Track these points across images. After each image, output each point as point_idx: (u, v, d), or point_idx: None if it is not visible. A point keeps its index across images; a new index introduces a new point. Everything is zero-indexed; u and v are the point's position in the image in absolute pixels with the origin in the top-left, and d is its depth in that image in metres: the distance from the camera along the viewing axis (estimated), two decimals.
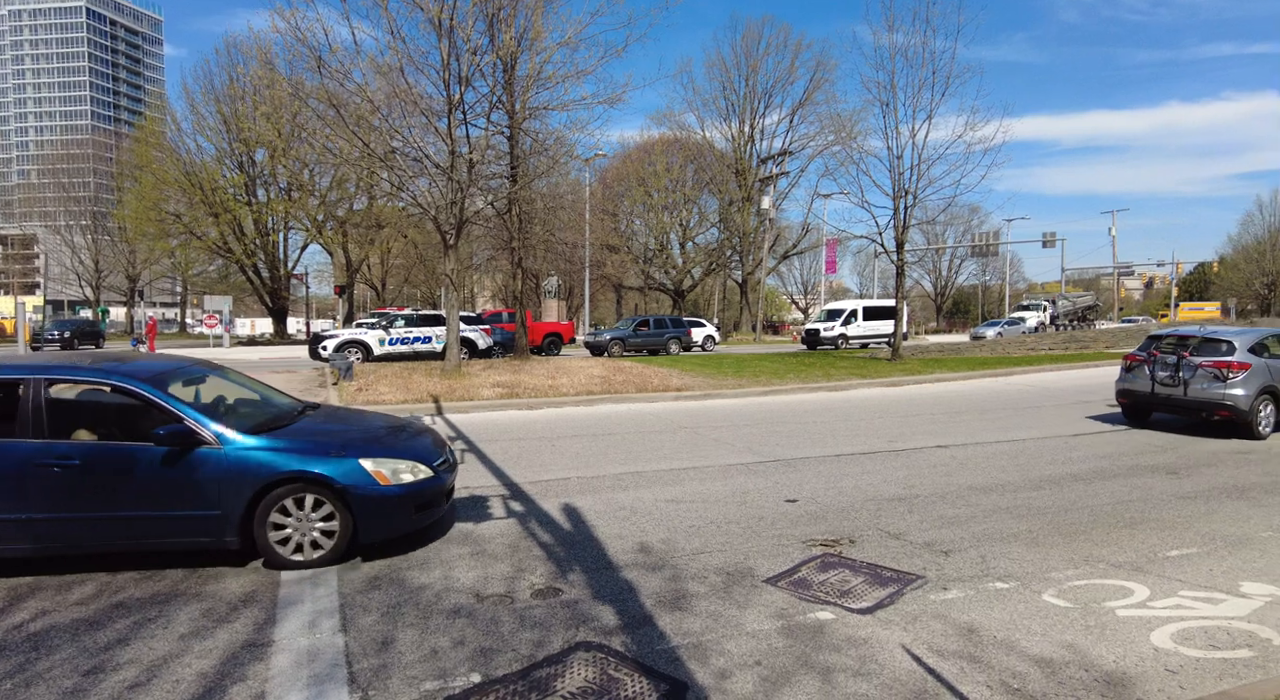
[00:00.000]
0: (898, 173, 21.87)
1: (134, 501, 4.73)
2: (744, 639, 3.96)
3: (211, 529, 4.81)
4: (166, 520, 4.77)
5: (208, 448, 4.82)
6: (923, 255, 78.20)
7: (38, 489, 4.61)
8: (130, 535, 4.79)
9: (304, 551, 4.96)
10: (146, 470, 4.73)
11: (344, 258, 47.49)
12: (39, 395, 4.77)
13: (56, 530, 4.69)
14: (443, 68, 15.54)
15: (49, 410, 4.79)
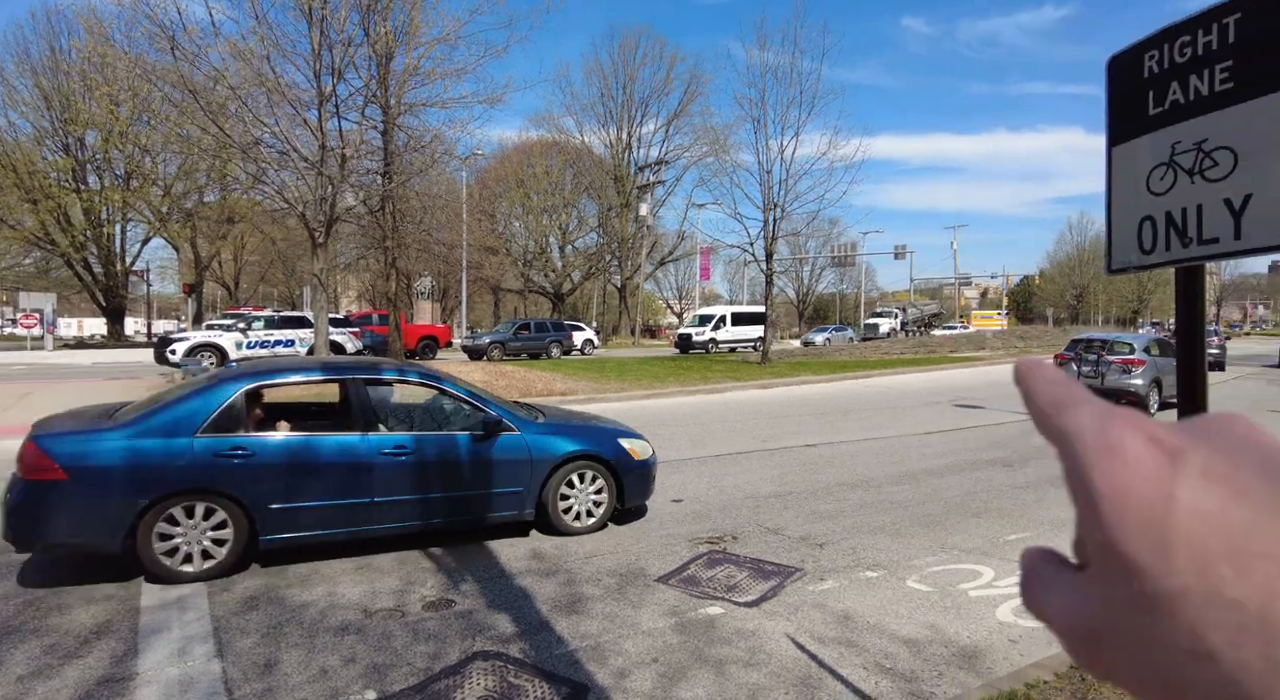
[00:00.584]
0: (768, 186, 23.00)
1: (461, 484, 5.51)
2: (640, 638, 4.09)
3: (516, 504, 5.71)
4: (486, 498, 5.59)
5: (512, 435, 5.70)
6: (788, 265, 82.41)
7: (383, 476, 5.19)
8: (462, 513, 5.55)
9: (581, 519, 5.93)
10: (468, 456, 5.53)
11: (192, 254, 43.67)
12: (361, 394, 5.39)
13: (399, 512, 5.29)
14: (313, 58, 14.73)
15: (377, 407, 5.56)
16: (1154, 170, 2.24)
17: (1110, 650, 0.26)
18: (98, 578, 4.81)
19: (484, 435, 5.60)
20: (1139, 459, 0.25)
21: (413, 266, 38.88)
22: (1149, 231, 2.27)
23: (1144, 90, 2.29)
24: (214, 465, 4.79)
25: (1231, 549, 0.23)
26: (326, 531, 5.12)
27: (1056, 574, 0.30)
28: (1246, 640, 0.22)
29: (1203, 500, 0.24)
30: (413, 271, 41.48)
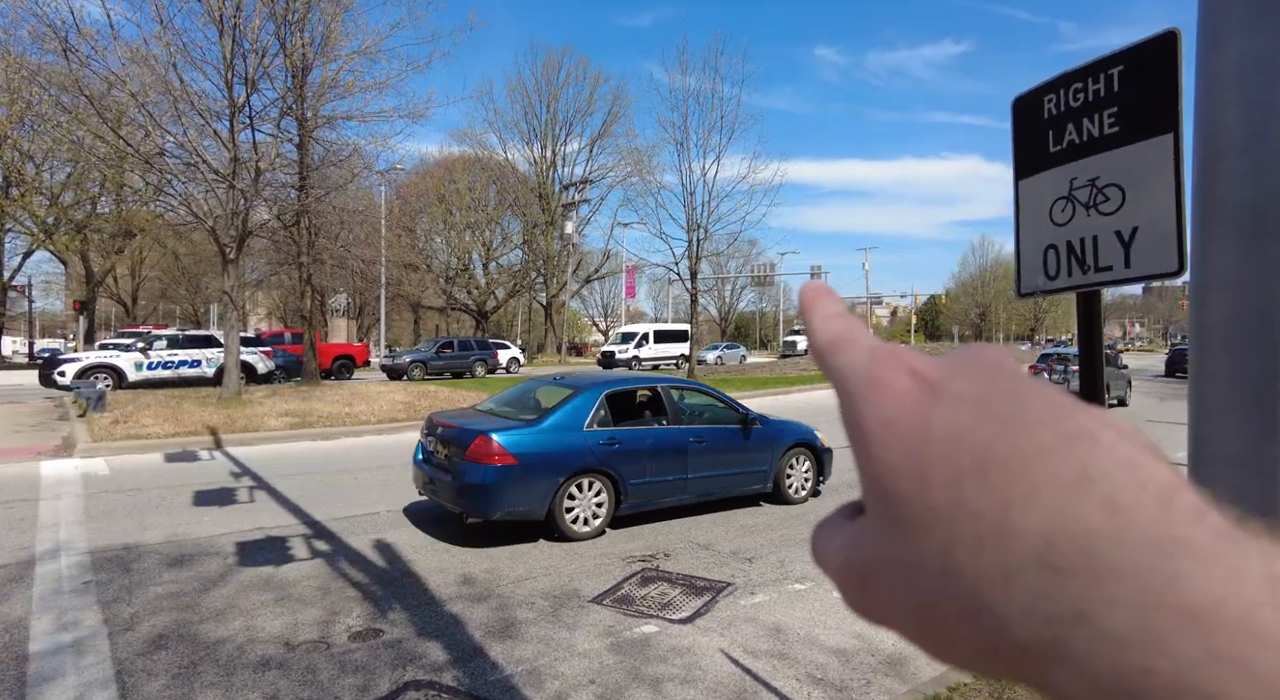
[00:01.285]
0: (691, 207, 23.47)
1: (733, 463, 7.43)
2: (576, 660, 4.06)
3: (760, 479, 7.66)
4: (746, 475, 7.54)
5: (759, 427, 7.65)
6: (711, 284, 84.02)
7: (692, 458, 7.09)
8: (733, 487, 7.51)
9: (799, 493, 7.90)
10: (737, 443, 7.50)
11: (83, 268, 40.76)
12: (669, 397, 7.40)
13: (700, 486, 7.18)
14: (224, 66, 14.13)
15: (679, 407, 7.54)
16: (1055, 203, 2.45)
17: (876, 588, 0.27)
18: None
19: (743, 428, 7.56)
20: (903, 392, 0.26)
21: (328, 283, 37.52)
22: (1053, 259, 2.47)
23: (1045, 130, 2.50)
24: (598, 451, 6.55)
25: (975, 464, 0.23)
26: (659, 500, 6.99)
27: (839, 524, 0.30)
28: (985, 550, 0.22)
29: (955, 423, 0.24)
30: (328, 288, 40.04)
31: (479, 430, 6.18)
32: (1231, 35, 0.96)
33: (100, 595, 4.86)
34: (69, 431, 11.66)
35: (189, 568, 5.48)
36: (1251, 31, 0.93)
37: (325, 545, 6.13)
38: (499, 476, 5.99)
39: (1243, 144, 0.95)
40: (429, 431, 6.89)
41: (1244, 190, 0.94)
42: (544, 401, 7.06)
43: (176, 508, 7.31)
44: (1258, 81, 0.93)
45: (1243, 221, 0.94)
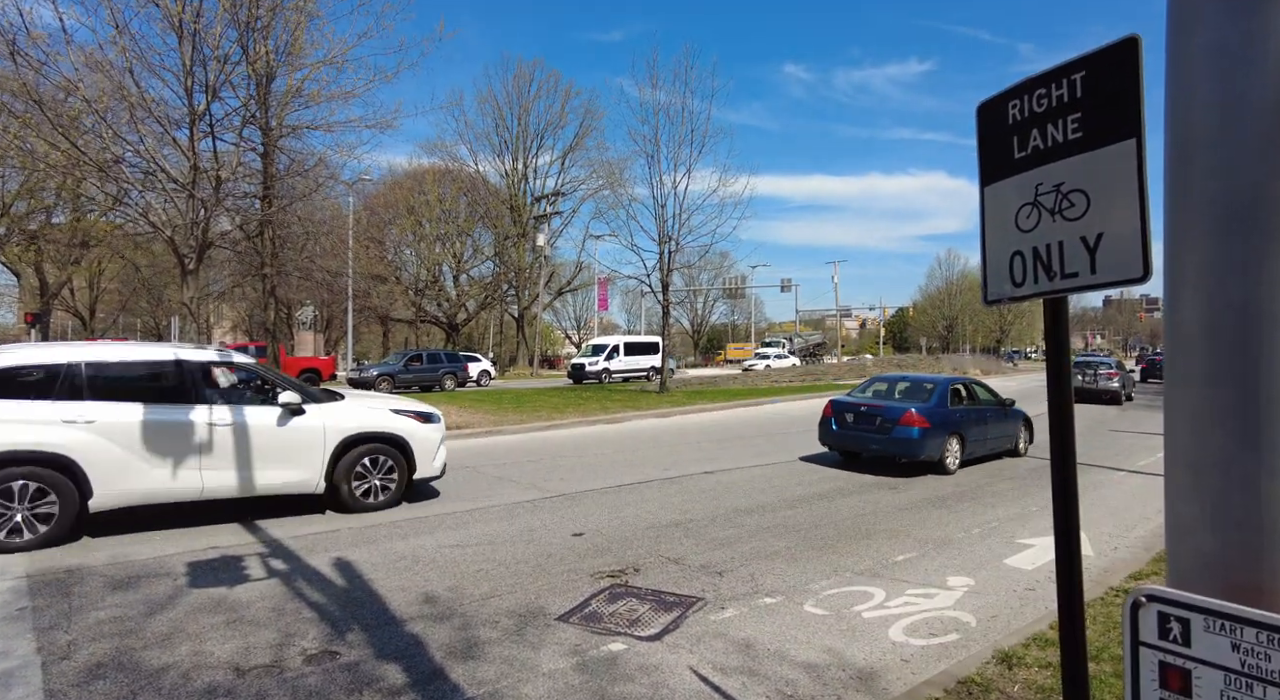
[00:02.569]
0: (662, 220, 23.53)
1: (1001, 431, 11.85)
2: (540, 681, 3.93)
3: (1010, 442, 12.22)
4: (1005, 437, 11.93)
5: (1009, 408, 12.16)
6: (683, 296, 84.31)
7: (988, 426, 11.57)
8: (1001, 446, 11.94)
9: (1024, 449, 12.56)
10: (1001, 417, 11.89)
11: (37, 280, 39.54)
12: (972, 388, 11.82)
13: (990, 444, 11.58)
14: (184, 74, 13.82)
15: (977, 395, 11.90)
16: (1021, 209, 2.43)
17: None
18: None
19: (1003, 408, 12.18)
20: None
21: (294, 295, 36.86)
22: (1019, 265, 2.44)
23: (1009, 135, 2.48)
24: (956, 419, 10.90)
25: None
26: (977, 452, 11.28)
27: None
28: None
29: None
30: (294, 300, 39.34)
31: (904, 408, 10.52)
32: (1200, 24, 0.92)
33: (35, 622, 4.60)
34: None
35: (135, 590, 5.23)
36: (1219, 19, 0.89)
37: (281, 564, 5.91)
38: (922, 434, 10.30)
39: (1213, 137, 0.91)
40: (844, 410, 11.21)
41: (1216, 184, 0.90)
42: (902, 393, 11.69)
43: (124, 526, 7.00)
44: (1227, 71, 0.89)
45: (1215, 217, 0.90)
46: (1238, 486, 0.91)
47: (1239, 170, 0.88)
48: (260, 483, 7.12)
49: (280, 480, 7.22)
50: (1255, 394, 0.88)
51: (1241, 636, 0.87)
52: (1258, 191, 0.89)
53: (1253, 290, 0.90)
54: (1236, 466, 0.91)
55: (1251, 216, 0.90)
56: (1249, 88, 0.88)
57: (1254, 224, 0.90)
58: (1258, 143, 0.88)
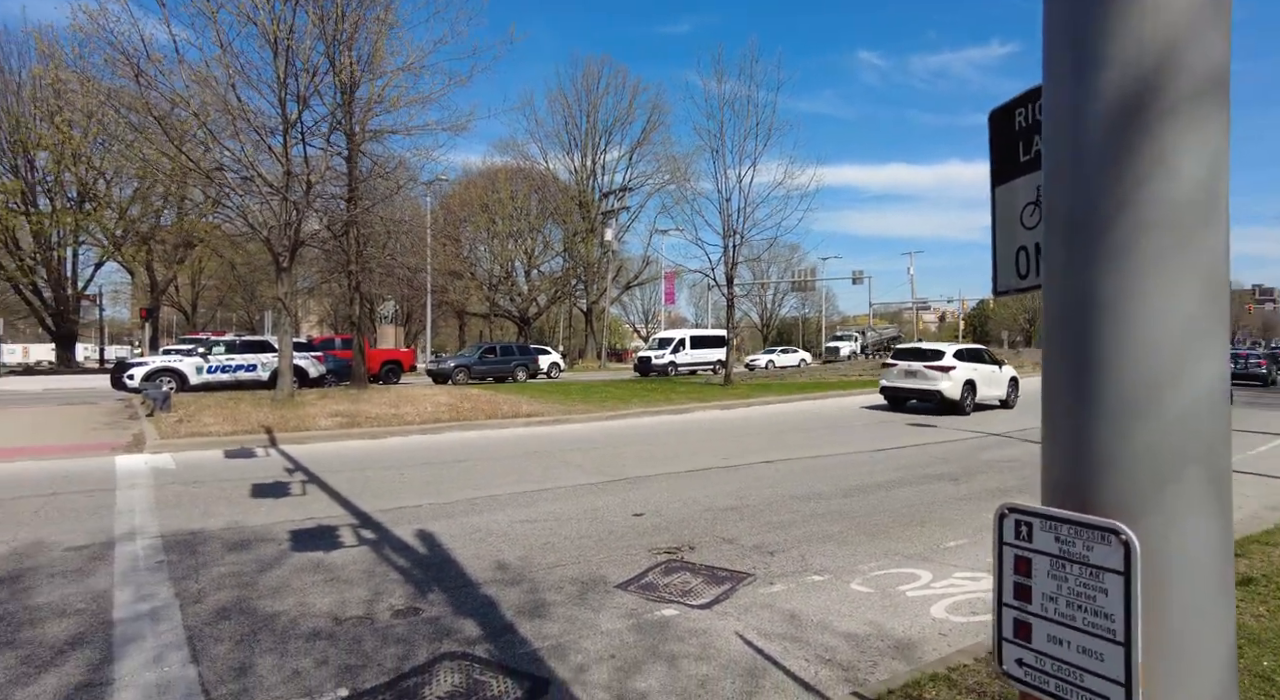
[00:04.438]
0: (727, 214, 23.67)
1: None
2: (599, 637, 4.35)
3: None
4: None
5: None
6: (750, 289, 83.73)
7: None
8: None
9: None
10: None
11: (148, 278, 42.82)
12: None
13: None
14: (278, 85, 14.92)
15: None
16: (1025, 207, 2.65)
17: None
18: (65, 597, 4.92)
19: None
20: None
21: (376, 290, 38.74)
22: (1024, 259, 2.67)
23: (1016, 140, 2.71)
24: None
25: None
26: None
27: None
28: None
29: None
30: (376, 296, 41.30)
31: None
32: (1056, 87, 1.21)
33: (171, 573, 5.35)
34: (139, 429, 12.46)
35: (248, 551, 5.95)
36: (1067, 85, 1.18)
37: (371, 534, 6.56)
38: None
39: (1066, 162, 1.18)
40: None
41: (1064, 202, 1.18)
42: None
43: (236, 499, 7.86)
44: (1072, 127, 1.17)
45: (1065, 228, 1.17)
46: (1076, 431, 1.20)
47: (1079, 191, 1.16)
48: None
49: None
50: (1088, 364, 1.17)
51: (1059, 531, 1.22)
52: (1090, 208, 1.15)
53: (1086, 288, 1.17)
54: (1075, 417, 1.19)
55: (1085, 228, 1.16)
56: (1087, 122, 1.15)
57: (1087, 234, 1.16)
58: (1090, 169, 1.14)
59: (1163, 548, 1.11)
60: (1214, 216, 1.10)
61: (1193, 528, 1.10)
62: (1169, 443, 1.10)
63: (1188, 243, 1.08)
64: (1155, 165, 1.07)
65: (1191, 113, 1.07)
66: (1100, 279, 1.12)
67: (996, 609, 1.31)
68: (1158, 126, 1.07)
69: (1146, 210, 1.08)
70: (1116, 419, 1.13)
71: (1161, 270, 1.09)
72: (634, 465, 10.30)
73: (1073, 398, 1.17)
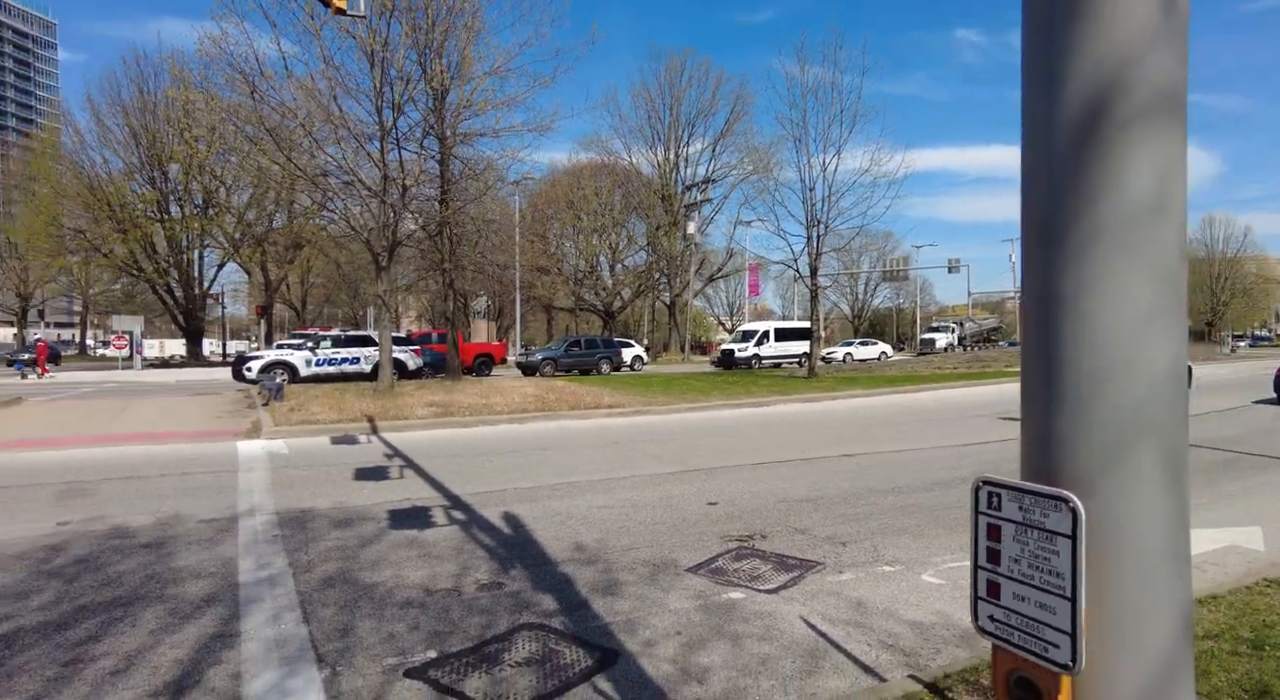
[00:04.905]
0: (810, 203, 23.31)
1: None
2: (667, 615, 4.57)
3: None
4: None
5: None
6: (839, 279, 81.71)
7: None
8: None
9: None
10: None
11: (263, 277, 46.15)
12: None
13: None
14: (375, 95, 15.86)
15: None
16: None
17: None
18: (199, 561, 5.57)
19: None
20: None
21: (469, 287, 40.30)
22: None
23: None
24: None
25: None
26: None
27: None
28: None
29: None
30: (469, 292, 42.95)
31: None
32: (1032, 95, 1.30)
33: (285, 545, 5.95)
34: (256, 418, 13.62)
35: (350, 528, 6.51)
36: (1040, 95, 1.28)
37: (460, 515, 7.02)
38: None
39: (1038, 170, 1.29)
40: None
41: (1034, 208, 1.28)
42: None
43: (340, 481, 8.55)
44: (1044, 134, 1.26)
45: (1035, 231, 1.27)
46: (1042, 414, 1.31)
47: (1048, 194, 1.26)
48: None
49: None
50: (1052, 354, 1.27)
51: (1022, 501, 1.34)
52: (1053, 213, 1.24)
53: (1051, 285, 1.26)
54: (1042, 401, 1.30)
55: (1050, 232, 1.25)
56: (1055, 132, 1.24)
57: (1051, 238, 1.25)
58: (1057, 175, 1.22)
59: (1114, 518, 1.22)
60: (1167, 219, 1.19)
61: (1143, 501, 1.21)
62: (1121, 425, 1.21)
63: (1139, 245, 1.18)
64: (1110, 175, 1.17)
65: (1144, 126, 1.16)
66: (1061, 276, 1.23)
67: (973, 572, 1.44)
68: (1113, 138, 1.17)
69: (1102, 215, 1.18)
70: (1075, 403, 1.25)
71: (1115, 270, 1.20)
72: (711, 456, 10.46)
73: (1040, 384, 1.28)
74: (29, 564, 5.55)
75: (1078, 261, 1.21)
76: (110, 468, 9.51)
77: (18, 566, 5.49)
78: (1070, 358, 1.24)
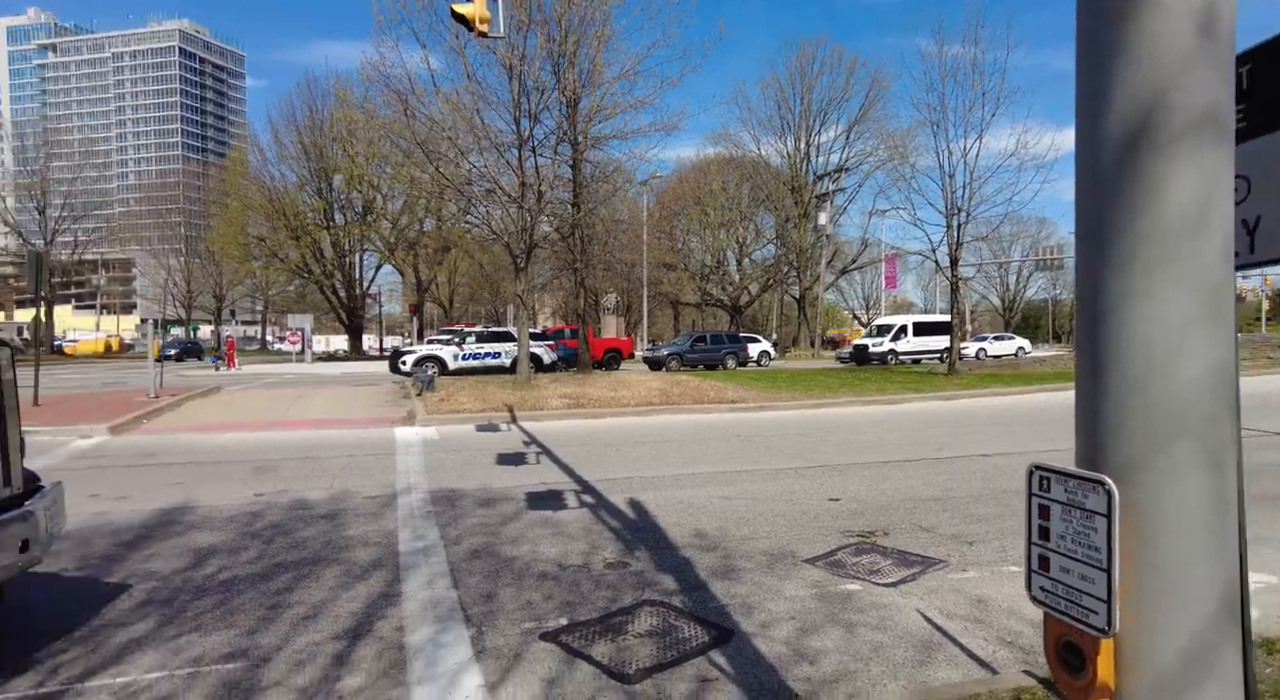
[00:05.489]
0: (950, 191, 22.22)
1: None
2: (782, 601, 4.75)
3: None
4: None
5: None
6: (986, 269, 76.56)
7: None
8: None
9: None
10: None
11: (414, 277, 49.92)
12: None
13: None
14: (513, 106, 16.86)
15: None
16: (1237, 180, 2.58)
17: None
18: (366, 532, 6.37)
19: None
20: None
21: (599, 285, 41.62)
22: None
23: None
24: None
25: None
26: None
27: None
28: None
29: None
30: (599, 289, 44.33)
31: None
32: (1084, 113, 1.41)
33: (437, 520, 6.66)
34: (411, 407, 14.99)
35: (493, 508, 7.16)
36: (1089, 114, 1.39)
37: (590, 499, 7.51)
38: None
39: (1087, 175, 1.40)
40: None
41: (1087, 222, 1.38)
42: None
43: (484, 465, 9.34)
44: (1092, 154, 1.36)
45: (1085, 234, 1.37)
46: (1090, 407, 1.41)
47: (1097, 208, 1.36)
48: None
49: None
50: (1098, 356, 1.36)
51: (1067, 484, 1.45)
52: (1100, 226, 1.31)
53: (1097, 291, 1.35)
54: (1090, 396, 1.40)
55: (1096, 243, 1.34)
56: (1101, 152, 1.35)
57: (1097, 248, 1.34)
58: (1103, 190, 1.31)
59: (1153, 503, 1.34)
60: (1208, 233, 1.29)
61: (1182, 489, 1.32)
62: (1160, 420, 1.33)
63: (1179, 257, 1.29)
64: (1149, 193, 1.28)
65: (1183, 147, 1.26)
66: (1106, 284, 1.35)
67: (1027, 547, 1.58)
68: (1152, 159, 1.28)
69: (1142, 230, 1.30)
70: (1117, 400, 1.37)
71: (1154, 281, 1.31)
72: (836, 453, 10.40)
73: (1088, 380, 1.41)
74: (237, 526, 6.59)
75: (1120, 271, 1.32)
76: (291, 449, 10.90)
77: (230, 528, 6.53)
78: (1113, 359, 1.36)
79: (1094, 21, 1.38)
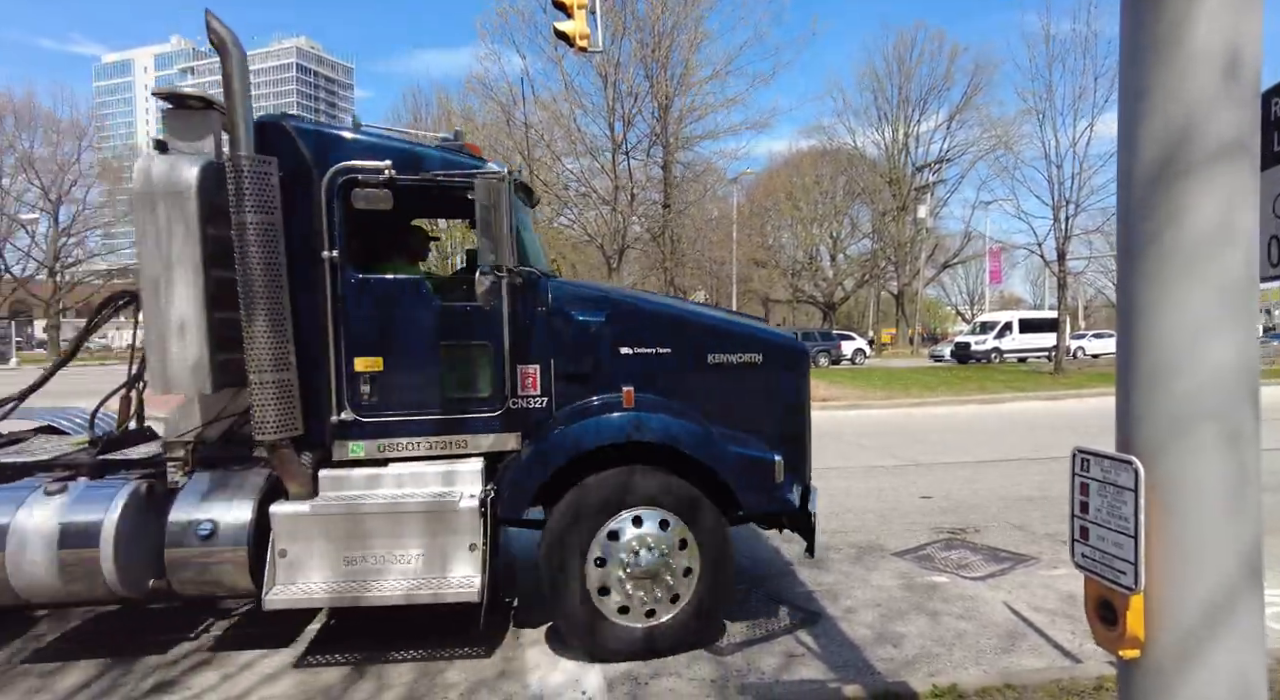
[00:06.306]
0: (1057, 182, 21.21)
1: None
2: (868, 589, 4.96)
3: None
4: None
5: None
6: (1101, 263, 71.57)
7: None
8: None
9: None
10: None
11: None
12: None
13: None
14: (607, 111, 17.46)
15: None
16: (1277, 198, 2.65)
17: None
18: None
19: None
20: None
21: (688, 282, 41.88)
22: (1275, 249, 2.67)
23: (1271, 130, 2.71)
24: None
25: None
26: None
27: None
28: None
29: None
30: (688, 287, 44.60)
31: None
32: (1120, 145, 1.63)
33: None
34: None
35: None
36: (1126, 140, 1.61)
37: None
38: None
39: (1124, 208, 1.64)
40: None
41: (1124, 236, 1.61)
42: None
43: None
44: (1127, 177, 1.59)
45: (1124, 249, 1.60)
46: (1125, 396, 1.64)
47: (1129, 227, 1.60)
48: None
49: None
50: (1130, 351, 1.58)
51: (1103, 464, 1.68)
52: (1133, 241, 1.53)
53: (1130, 296, 1.57)
54: (1124, 386, 1.62)
55: (1129, 254, 1.55)
56: (1134, 175, 1.57)
57: (1130, 259, 1.56)
58: (1136, 208, 1.55)
59: (1176, 478, 1.59)
60: (1229, 246, 1.51)
61: (1202, 467, 1.55)
62: (1182, 408, 1.57)
63: (1200, 269, 1.53)
64: (1173, 213, 1.53)
65: (1204, 174, 1.49)
66: (1137, 290, 1.60)
67: (1071, 520, 1.83)
68: (1176, 185, 1.52)
69: (1166, 245, 1.55)
70: (1145, 390, 1.63)
71: (1177, 289, 1.55)
72: (929, 451, 10.32)
73: (1124, 372, 1.66)
74: None
75: (1148, 280, 1.55)
76: None
77: None
78: (1142, 355, 1.59)
79: (1131, 67, 1.61)
